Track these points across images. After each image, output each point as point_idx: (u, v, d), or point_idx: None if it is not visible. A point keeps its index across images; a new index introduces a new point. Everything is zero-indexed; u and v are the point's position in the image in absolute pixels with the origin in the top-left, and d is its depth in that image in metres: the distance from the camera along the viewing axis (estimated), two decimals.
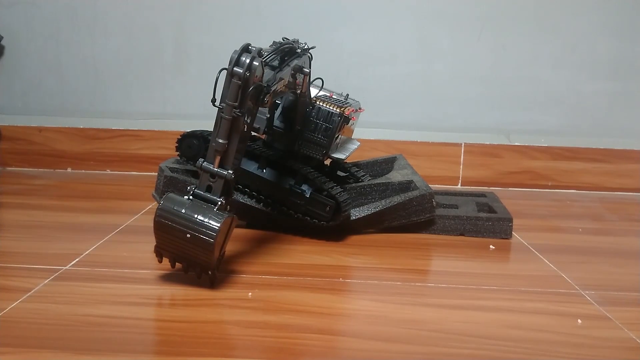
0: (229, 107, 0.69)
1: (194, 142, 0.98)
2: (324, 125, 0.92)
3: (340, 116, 0.92)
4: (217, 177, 0.71)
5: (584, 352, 0.60)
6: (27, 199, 1.16)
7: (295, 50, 0.84)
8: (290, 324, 0.64)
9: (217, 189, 0.71)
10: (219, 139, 0.70)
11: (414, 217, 0.96)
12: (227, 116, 0.70)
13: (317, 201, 0.91)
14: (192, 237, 0.69)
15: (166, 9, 1.39)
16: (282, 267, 0.81)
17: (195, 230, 0.68)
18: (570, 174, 1.40)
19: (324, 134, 0.92)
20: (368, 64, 1.40)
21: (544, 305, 0.72)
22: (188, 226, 0.69)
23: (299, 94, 0.89)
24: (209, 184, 0.72)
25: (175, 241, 0.70)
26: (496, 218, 0.98)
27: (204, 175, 0.72)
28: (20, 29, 1.41)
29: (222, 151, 0.71)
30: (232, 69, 0.69)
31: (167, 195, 0.71)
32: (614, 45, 1.37)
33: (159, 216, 0.70)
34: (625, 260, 0.90)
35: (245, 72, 0.69)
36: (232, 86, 0.69)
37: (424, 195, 0.96)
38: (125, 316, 0.65)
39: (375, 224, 0.96)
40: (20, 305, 0.67)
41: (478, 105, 1.40)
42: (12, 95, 1.44)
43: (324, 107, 0.93)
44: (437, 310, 0.69)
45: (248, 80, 0.69)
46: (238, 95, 0.69)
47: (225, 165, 0.72)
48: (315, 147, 0.93)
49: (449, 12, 1.37)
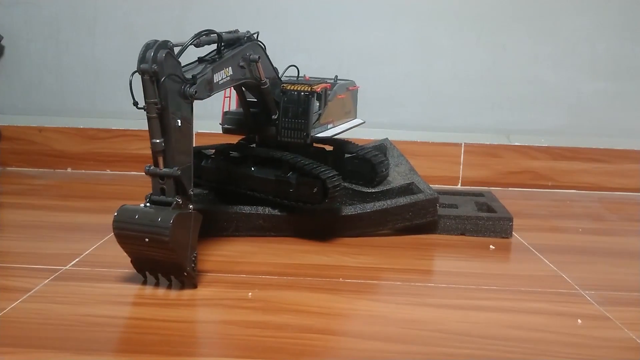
0: (151, 104, 0.68)
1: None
2: (298, 108, 0.90)
3: (310, 94, 0.90)
4: (165, 178, 0.71)
5: (584, 352, 0.60)
6: (27, 199, 1.16)
7: (237, 40, 0.81)
8: (290, 324, 0.64)
9: (169, 189, 0.71)
10: (154, 140, 0.69)
11: (417, 220, 0.96)
12: (152, 114, 0.69)
13: (304, 185, 0.89)
14: (151, 240, 0.68)
15: (166, 9, 1.39)
16: (282, 267, 0.81)
17: (151, 232, 0.68)
18: (570, 174, 1.40)
19: (301, 117, 0.90)
20: (368, 64, 1.40)
21: (544, 305, 0.72)
22: (143, 230, 0.68)
23: (261, 83, 0.87)
24: (161, 186, 0.71)
25: (141, 249, 0.70)
26: (497, 217, 0.98)
27: (154, 180, 0.71)
28: (20, 29, 1.41)
29: (161, 150, 0.70)
30: (140, 67, 0.68)
31: (121, 207, 0.71)
32: (614, 45, 1.37)
33: (115, 228, 0.70)
34: (625, 260, 0.90)
35: (152, 65, 0.68)
36: (145, 83, 0.68)
37: (429, 199, 0.96)
38: (125, 316, 0.65)
39: (380, 224, 0.95)
40: (20, 305, 0.67)
41: (478, 105, 1.40)
42: (12, 95, 1.44)
43: (293, 90, 0.91)
44: (437, 310, 0.69)
45: (157, 72, 0.68)
46: (155, 91, 0.68)
47: (170, 164, 0.70)
48: (296, 132, 0.91)
49: (449, 12, 1.37)
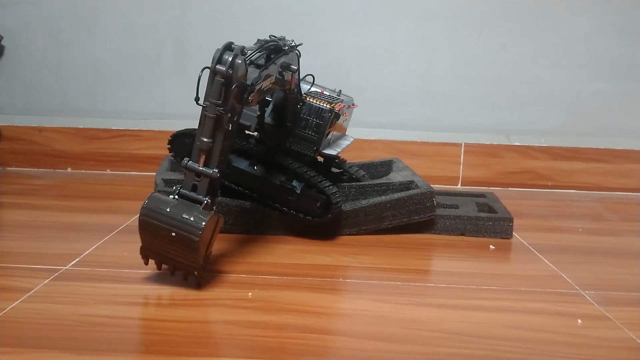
0: (212, 105, 0.69)
1: (186, 141, 0.97)
2: (314, 121, 0.92)
3: (330, 112, 0.92)
4: (202, 176, 0.71)
5: (584, 352, 0.60)
6: (27, 199, 1.16)
7: (281, 48, 0.83)
8: (290, 324, 0.64)
9: (202, 188, 0.71)
10: (204, 138, 0.70)
11: (415, 217, 0.96)
12: (210, 115, 0.69)
13: (307, 197, 0.90)
14: (177, 236, 0.68)
15: (166, 9, 1.39)
16: (282, 267, 0.81)
17: (180, 229, 0.68)
18: (570, 174, 1.40)
19: (315, 130, 0.92)
20: (368, 64, 1.40)
21: (544, 305, 0.72)
22: (173, 224, 0.68)
23: (288, 91, 0.88)
24: (194, 183, 0.71)
25: (161, 241, 0.69)
26: (496, 218, 0.98)
27: (189, 175, 0.71)
28: (20, 29, 1.41)
29: (206, 150, 0.70)
30: (215, 67, 0.69)
31: (152, 195, 0.71)
32: (614, 45, 1.37)
33: (143, 215, 0.69)
34: (625, 260, 0.90)
35: (227, 69, 0.68)
36: (215, 84, 0.69)
37: (425, 193, 0.95)
38: (125, 316, 0.65)
39: (376, 221, 0.95)
40: (20, 305, 0.67)
41: (478, 105, 1.40)
42: (12, 95, 1.44)
43: (314, 104, 0.92)
44: (437, 310, 0.69)
45: (231, 78, 0.69)
46: (221, 94, 0.69)
47: (210, 164, 0.71)
48: (306, 143, 0.93)
49: (449, 12, 1.37)
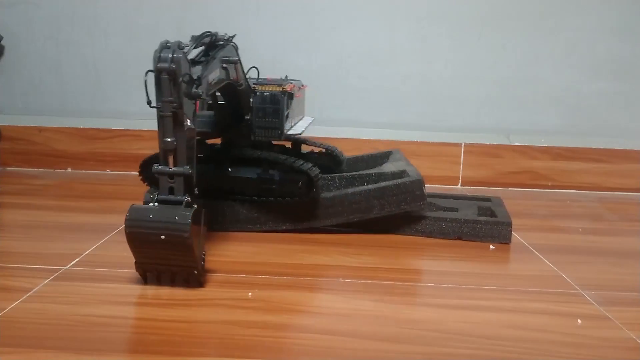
0: (166, 103, 0.70)
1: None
2: (271, 107, 0.93)
3: (283, 94, 0.93)
4: (175, 177, 0.71)
5: (584, 352, 0.60)
6: (27, 199, 1.16)
7: (216, 42, 0.83)
8: (290, 324, 0.64)
9: (179, 188, 0.71)
10: (166, 138, 0.70)
11: (405, 206, 0.94)
12: (166, 114, 0.70)
13: (287, 181, 0.92)
14: (167, 237, 0.68)
15: (166, 9, 1.39)
16: (282, 267, 0.81)
17: (168, 229, 0.68)
18: (570, 174, 1.40)
19: (274, 116, 0.93)
20: (368, 64, 1.40)
21: (544, 305, 0.72)
22: (160, 228, 0.68)
23: (237, 85, 0.89)
24: (170, 186, 0.71)
25: (153, 249, 0.69)
26: (494, 222, 0.95)
27: (162, 179, 0.71)
28: (20, 29, 1.41)
29: (172, 149, 0.70)
30: (157, 66, 0.69)
31: (132, 206, 0.70)
32: (614, 45, 1.37)
33: (129, 227, 0.69)
34: (625, 260, 0.90)
35: (170, 65, 0.69)
36: (163, 82, 0.69)
37: (413, 181, 0.94)
38: (125, 316, 0.65)
39: (364, 211, 0.94)
40: (20, 305, 0.67)
41: (478, 105, 1.40)
42: (12, 95, 1.44)
43: (265, 91, 0.94)
44: (437, 310, 0.69)
45: (175, 72, 0.69)
46: (171, 90, 0.69)
47: (180, 162, 0.71)
48: (270, 130, 0.94)
49: (449, 12, 1.37)
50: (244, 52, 0.87)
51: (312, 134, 1.37)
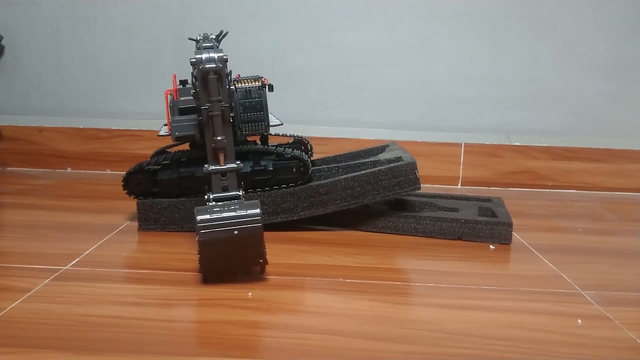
0: (215, 102, 0.70)
1: (140, 177, 0.96)
2: (253, 101, 0.95)
3: (263, 86, 0.95)
4: (227, 174, 0.72)
5: (584, 352, 0.60)
6: (27, 199, 1.16)
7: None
8: (290, 324, 0.64)
9: (232, 184, 0.72)
10: (217, 137, 0.70)
11: (399, 190, 0.95)
12: (216, 112, 0.70)
13: (281, 168, 0.95)
14: (240, 232, 0.69)
15: (166, 9, 1.39)
16: (282, 267, 0.81)
17: (241, 224, 0.69)
18: (570, 174, 1.40)
19: (258, 109, 0.95)
20: (368, 64, 1.40)
21: (544, 305, 0.72)
22: (232, 224, 0.70)
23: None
24: (222, 185, 0.73)
25: (224, 248, 0.70)
26: (495, 222, 0.95)
27: (215, 178, 0.72)
28: (20, 29, 1.41)
29: (223, 147, 0.71)
30: (205, 67, 0.70)
31: (196, 209, 0.71)
32: (614, 45, 1.37)
33: (203, 229, 0.69)
34: (625, 260, 0.90)
35: (218, 64, 0.70)
36: (211, 82, 0.70)
37: (407, 164, 0.94)
38: (125, 316, 0.65)
39: (358, 197, 0.95)
40: (20, 305, 0.67)
41: (478, 105, 1.40)
42: (12, 95, 1.44)
43: (246, 86, 0.95)
44: (437, 310, 0.69)
45: (221, 72, 0.71)
46: (219, 89, 0.70)
47: (229, 158, 0.72)
48: (256, 124, 0.95)
49: (449, 12, 1.37)
50: (244, 52, 0.87)
51: (312, 134, 1.37)
